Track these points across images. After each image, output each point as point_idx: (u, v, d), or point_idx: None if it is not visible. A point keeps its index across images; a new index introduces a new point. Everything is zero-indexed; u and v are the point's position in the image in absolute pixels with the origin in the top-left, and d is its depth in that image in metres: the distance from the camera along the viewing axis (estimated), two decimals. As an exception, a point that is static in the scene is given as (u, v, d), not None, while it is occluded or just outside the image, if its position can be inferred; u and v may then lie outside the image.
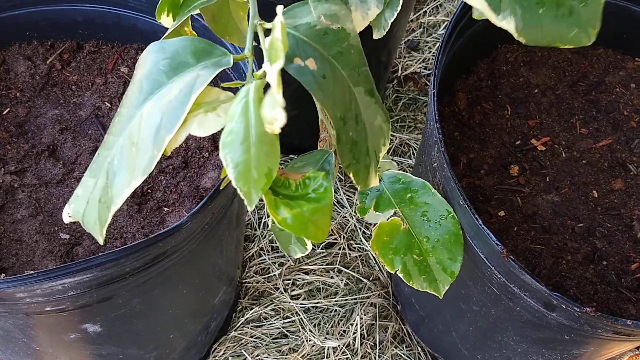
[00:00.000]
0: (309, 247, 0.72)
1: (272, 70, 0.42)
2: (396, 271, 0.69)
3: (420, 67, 1.33)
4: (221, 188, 0.65)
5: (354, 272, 1.09)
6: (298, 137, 1.20)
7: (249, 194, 0.46)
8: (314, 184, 0.53)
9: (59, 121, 0.86)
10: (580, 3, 0.53)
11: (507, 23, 0.53)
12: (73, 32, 0.92)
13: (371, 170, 0.60)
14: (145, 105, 0.50)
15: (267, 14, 0.55)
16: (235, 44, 0.65)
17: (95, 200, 0.52)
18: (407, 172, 1.18)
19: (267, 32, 0.51)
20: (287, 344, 1.02)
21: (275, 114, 0.41)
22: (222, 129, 0.48)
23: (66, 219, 0.56)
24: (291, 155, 1.22)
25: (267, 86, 0.45)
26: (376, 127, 0.59)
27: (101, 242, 0.53)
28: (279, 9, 0.44)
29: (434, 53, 1.34)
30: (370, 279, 1.08)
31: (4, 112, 0.86)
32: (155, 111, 0.49)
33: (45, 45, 0.92)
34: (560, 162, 0.85)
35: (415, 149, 1.23)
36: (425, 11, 1.41)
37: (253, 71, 0.52)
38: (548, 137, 0.87)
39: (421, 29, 1.39)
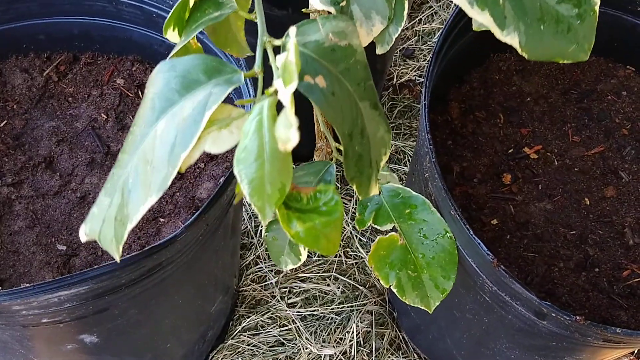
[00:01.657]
0: (303, 258, 0.73)
1: (286, 92, 0.42)
2: (390, 286, 0.69)
3: (415, 75, 1.34)
4: (235, 202, 0.65)
5: (350, 279, 1.09)
6: (297, 145, 1.20)
7: (263, 209, 0.47)
8: (325, 197, 0.54)
9: (55, 133, 0.87)
10: (577, 20, 0.55)
11: (511, 38, 0.54)
12: (69, 44, 0.93)
13: (372, 180, 0.61)
14: (158, 124, 0.50)
15: (254, 24, 0.56)
16: (234, 55, 0.66)
17: (111, 218, 0.53)
18: (402, 179, 1.19)
19: (275, 48, 0.52)
20: (284, 352, 1.03)
21: (289, 135, 0.42)
22: (236, 145, 0.48)
23: (83, 238, 0.56)
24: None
25: (279, 103, 0.46)
26: (378, 139, 0.60)
27: (117, 259, 0.54)
28: (292, 30, 0.45)
29: (428, 61, 1.35)
30: (367, 286, 1.09)
31: (1, 125, 0.87)
32: (170, 129, 0.50)
33: (41, 58, 0.93)
34: (553, 170, 0.85)
35: (410, 156, 1.23)
36: (420, 19, 1.42)
37: (264, 88, 0.53)
38: (540, 145, 0.87)
39: (416, 37, 1.40)
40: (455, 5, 0.67)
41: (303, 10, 0.70)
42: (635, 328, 0.74)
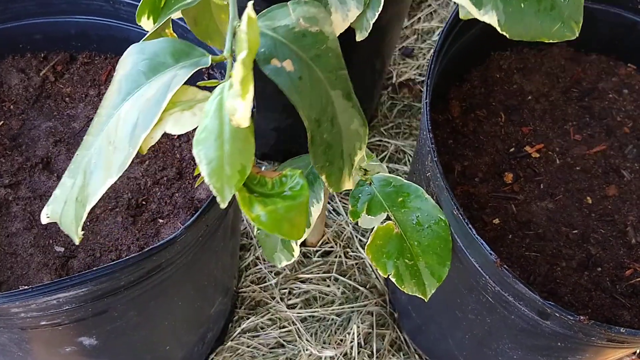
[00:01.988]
0: (296, 253, 0.72)
1: (237, 60, 0.42)
2: (389, 275, 0.69)
3: (414, 74, 1.33)
4: (196, 185, 0.65)
5: (351, 280, 1.09)
6: (295, 144, 1.20)
7: (222, 191, 0.46)
8: (291, 181, 0.53)
9: (52, 133, 0.86)
10: None
11: (489, 17, 0.54)
12: (66, 44, 0.92)
13: (345, 173, 0.60)
14: (123, 105, 0.50)
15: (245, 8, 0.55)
16: (217, 47, 0.65)
17: (73, 199, 0.53)
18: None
19: None
20: (284, 354, 1.02)
21: (235, 104, 0.41)
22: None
23: (44, 219, 0.56)
24: (282, 164, 1.22)
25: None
26: (352, 131, 0.59)
27: (77, 241, 0.53)
28: (250, 3, 0.44)
29: (428, 60, 1.35)
30: (367, 287, 1.08)
31: (-2, 125, 0.86)
32: (133, 110, 0.50)
33: (38, 57, 0.92)
34: (554, 169, 0.85)
35: (410, 156, 1.23)
36: (420, 17, 1.42)
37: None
38: (542, 144, 0.87)
39: (415, 36, 1.39)
40: (455, 3, 0.66)
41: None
42: (638, 327, 0.74)
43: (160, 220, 0.79)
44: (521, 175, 0.84)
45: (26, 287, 0.61)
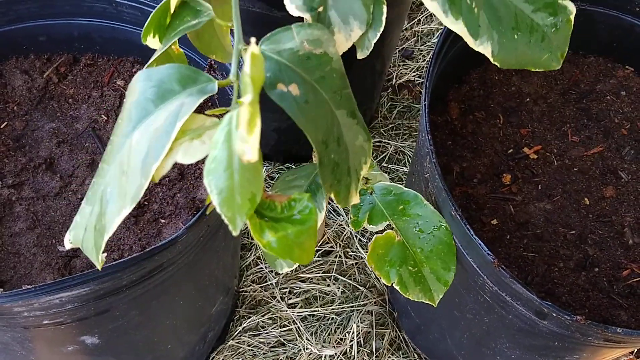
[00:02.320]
0: (295, 264, 0.73)
1: (244, 104, 0.42)
2: (392, 283, 0.70)
3: (414, 76, 1.34)
4: (207, 213, 0.66)
5: (351, 279, 1.10)
6: (295, 145, 1.21)
7: (234, 220, 0.46)
8: (299, 205, 0.53)
9: (55, 134, 0.87)
10: (552, 28, 0.55)
11: (484, 48, 0.55)
12: (69, 46, 0.93)
13: (352, 189, 0.60)
14: (134, 134, 0.51)
15: (258, 25, 0.56)
16: (219, 60, 0.66)
17: (92, 227, 0.54)
18: (402, 179, 1.20)
19: None
20: (285, 353, 1.03)
21: (244, 148, 0.42)
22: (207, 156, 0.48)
23: (67, 245, 0.57)
24: (288, 164, 1.23)
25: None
26: (357, 147, 0.60)
27: (99, 267, 0.54)
28: (252, 40, 0.45)
29: (428, 61, 1.35)
30: (367, 286, 1.09)
31: (2, 126, 0.87)
32: (143, 140, 0.50)
33: (42, 59, 0.93)
34: (552, 170, 0.86)
35: (410, 157, 1.24)
36: (420, 19, 1.42)
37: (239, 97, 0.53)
38: (540, 146, 0.88)
39: (415, 38, 1.40)
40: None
41: (295, 15, 0.70)
42: (635, 327, 0.74)
43: (162, 221, 0.80)
44: (519, 177, 0.85)
45: (29, 286, 0.61)
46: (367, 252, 0.72)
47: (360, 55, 0.62)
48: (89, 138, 0.87)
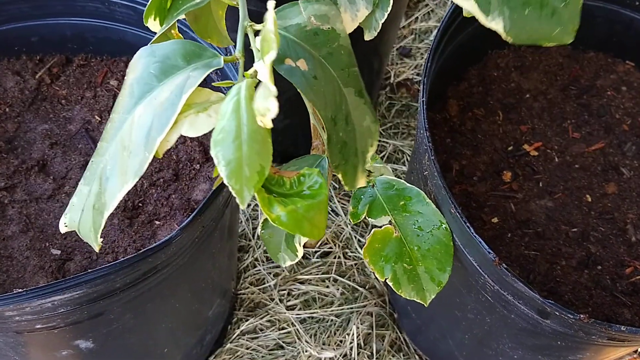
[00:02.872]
0: (300, 253, 0.72)
1: (264, 63, 0.42)
2: (386, 279, 0.68)
3: (412, 74, 1.33)
4: (214, 187, 0.65)
5: (350, 280, 1.08)
6: (292, 145, 1.20)
7: (241, 192, 0.46)
8: (309, 180, 0.53)
9: (48, 136, 0.86)
10: (561, 3, 0.55)
11: (496, 24, 0.54)
12: (62, 46, 0.92)
13: (359, 170, 0.60)
14: (136, 109, 0.50)
15: (251, 18, 0.55)
16: (214, 44, 0.65)
17: (90, 207, 0.53)
18: (401, 179, 1.18)
19: (257, 33, 0.51)
20: (284, 355, 1.02)
21: (268, 104, 0.41)
22: (213, 129, 0.48)
23: (62, 228, 0.56)
24: (285, 165, 1.21)
25: (257, 85, 0.45)
26: (365, 128, 0.59)
27: (97, 249, 0.54)
28: (270, 3, 0.44)
29: (426, 59, 1.34)
30: (367, 287, 1.08)
31: (-6, 128, 0.86)
32: (147, 114, 0.49)
33: (34, 60, 0.91)
34: (553, 167, 0.84)
35: (408, 156, 1.22)
36: (417, 17, 1.41)
37: (244, 71, 0.52)
38: (540, 142, 0.86)
39: (413, 35, 1.39)
40: (451, 2, 0.66)
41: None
42: (639, 326, 0.73)
43: (157, 222, 0.78)
44: (520, 174, 0.84)
45: (20, 290, 0.60)
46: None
47: (368, 36, 0.61)
48: (82, 139, 0.86)
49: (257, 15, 0.89)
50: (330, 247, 1.11)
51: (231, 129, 0.44)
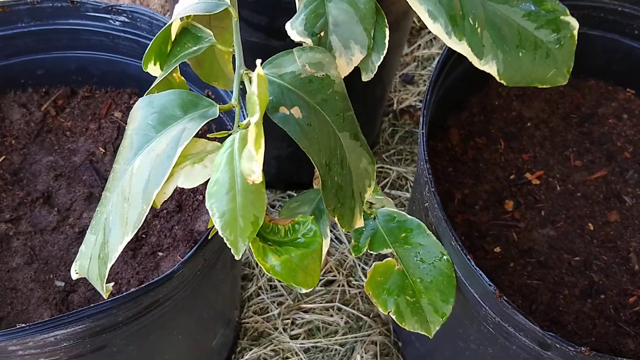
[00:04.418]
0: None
1: (251, 122, 0.42)
2: (389, 312, 0.68)
3: (415, 101, 1.33)
4: (209, 237, 0.65)
5: (354, 309, 1.08)
6: (296, 173, 1.20)
7: (236, 243, 0.46)
8: (303, 228, 0.53)
9: (53, 168, 0.86)
10: (556, 45, 0.55)
11: (489, 67, 0.55)
12: (67, 79, 0.93)
13: (356, 212, 0.60)
14: (135, 161, 0.51)
15: (258, 56, 0.56)
16: (220, 87, 0.66)
17: (96, 256, 0.54)
18: (405, 205, 1.19)
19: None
20: (288, 384, 1.02)
21: (252, 167, 0.42)
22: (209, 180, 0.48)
23: (74, 275, 0.57)
24: (289, 192, 1.22)
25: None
26: (362, 170, 0.60)
27: (105, 296, 0.54)
28: (258, 62, 0.45)
29: (426, 90, 1.35)
30: (371, 316, 1.08)
31: (-1, 160, 0.87)
32: (145, 166, 0.50)
33: (39, 92, 0.93)
34: (555, 196, 0.85)
35: (412, 182, 1.23)
36: (419, 44, 1.42)
37: (240, 120, 0.53)
38: (542, 171, 0.87)
39: (415, 63, 1.40)
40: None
41: (296, 41, 0.70)
42: (643, 356, 0.73)
43: (160, 254, 0.79)
44: (522, 203, 0.84)
45: (24, 324, 0.60)
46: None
47: (365, 77, 0.62)
48: (86, 171, 0.86)
49: (261, 47, 0.91)
50: (334, 276, 1.12)
51: (225, 180, 0.45)
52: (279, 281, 1.09)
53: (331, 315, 1.07)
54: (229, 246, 0.45)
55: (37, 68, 0.91)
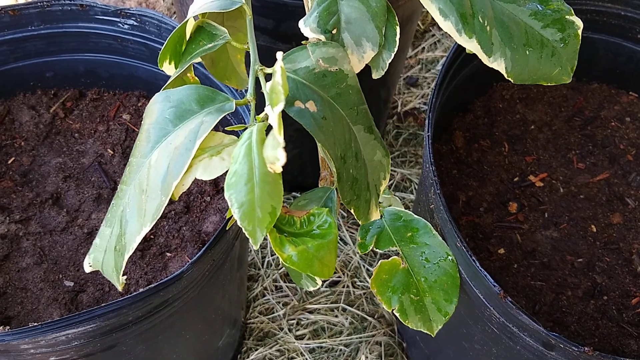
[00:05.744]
0: (319, 282, 0.73)
1: (273, 113, 0.43)
2: (393, 310, 0.69)
3: (419, 103, 1.34)
4: (227, 228, 0.66)
5: (359, 310, 1.09)
6: (300, 174, 1.21)
7: (254, 233, 0.47)
8: (319, 220, 0.54)
9: (62, 169, 0.87)
10: (561, 44, 0.56)
11: (498, 64, 0.56)
12: (76, 81, 0.94)
13: (372, 204, 0.61)
14: (153, 154, 0.52)
15: (265, 58, 0.57)
16: (234, 87, 0.67)
17: (112, 248, 0.55)
18: (409, 207, 1.19)
19: (268, 76, 0.53)
20: (293, 384, 1.02)
21: (277, 154, 0.43)
22: (227, 172, 0.49)
23: (87, 268, 0.58)
24: (294, 193, 1.23)
25: (268, 128, 0.47)
26: (376, 162, 0.61)
27: (120, 288, 0.55)
28: (279, 54, 0.46)
29: (431, 92, 1.36)
30: (375, 316, 1.09)
31: (9, 162, 0.88)
32: (163, 159, 0.51)
33: (48, 94, 0.94)
34: (559, 198, 0.85)
35: (416, 184, 1.23)
36: (424, 47, 1.43)
37: (255, 115, 0.54)
38: (545, 173, 0.87)
39: (420, 65, 1.41)
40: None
41: (303, 42, 0.71)
42: (645, 357, 0.74)
43: (168, 254, 0.80)
44: (525, 205, 0.85)
45: (36, 323, 0.61)
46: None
47: (376, 75, 0.63)
48: (95, 172, 0.87)
49: (267, 50, 0.91)
50: (339, 276, 1.12)
51: (243, 172, 0.46)
52: (284, 282, 1.10)
53: (336, 316, 1.08)
54: (248, 236, 0.46)
55: (46, 70, 0.92)
